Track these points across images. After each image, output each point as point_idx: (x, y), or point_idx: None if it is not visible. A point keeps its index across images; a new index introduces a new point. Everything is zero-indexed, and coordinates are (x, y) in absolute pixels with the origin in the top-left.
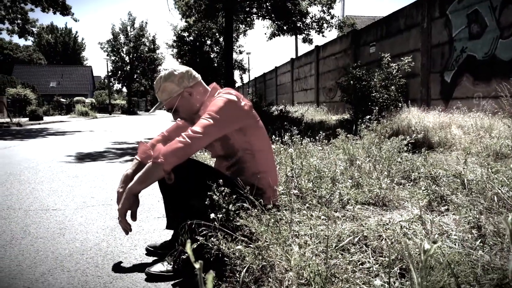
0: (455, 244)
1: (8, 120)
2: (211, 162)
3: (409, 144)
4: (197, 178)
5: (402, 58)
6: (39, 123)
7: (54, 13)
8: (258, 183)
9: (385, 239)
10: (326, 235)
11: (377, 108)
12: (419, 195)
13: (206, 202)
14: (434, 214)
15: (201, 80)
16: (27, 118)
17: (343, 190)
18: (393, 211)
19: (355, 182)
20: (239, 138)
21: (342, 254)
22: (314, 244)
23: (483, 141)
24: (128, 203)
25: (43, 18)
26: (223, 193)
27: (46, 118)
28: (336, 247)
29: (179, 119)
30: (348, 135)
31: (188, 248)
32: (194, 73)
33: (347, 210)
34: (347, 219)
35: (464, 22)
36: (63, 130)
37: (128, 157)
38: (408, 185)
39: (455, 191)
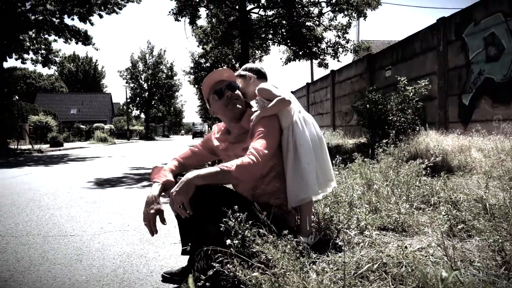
0: (478, 272)
1: (30, 146)
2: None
3: (428, 168)
4: (213, 202)
5: (418, 82)
6: (60, 150)
7: (76, 43)
8: (284, 203)
9: (405, 266)
10: (344, 262)
11: (394, 131)
12: (439, 220)
13: (222, 229)
14: (455, 240)
15: None
16: (48, 145)
17: (360, 215)
18: (413, 237)
19: (373, 207)
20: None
21: (361, 282)
22: (332, 271)
23: (505, 165)
24: (191, 191)
25: (65, 47)
26: (239, 219)
27: (66, 145)
28: (355, 274)
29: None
30: (365, 159)
31: (190, 282)
32: None
33: (365, 236)
34: (366, 245)
35: (481, 45)
36: (82, 156)
37: (145, 183)
38: (428, 210)
39: (477, 216)
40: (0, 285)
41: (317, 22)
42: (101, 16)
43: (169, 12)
